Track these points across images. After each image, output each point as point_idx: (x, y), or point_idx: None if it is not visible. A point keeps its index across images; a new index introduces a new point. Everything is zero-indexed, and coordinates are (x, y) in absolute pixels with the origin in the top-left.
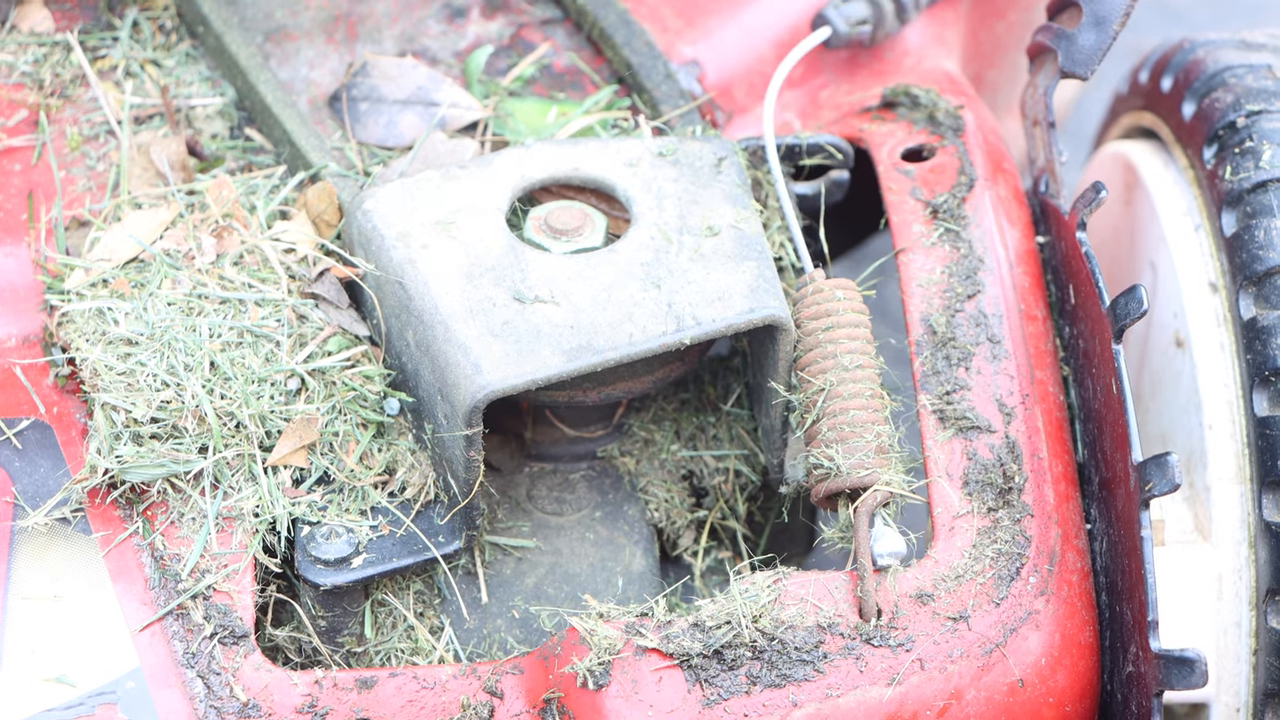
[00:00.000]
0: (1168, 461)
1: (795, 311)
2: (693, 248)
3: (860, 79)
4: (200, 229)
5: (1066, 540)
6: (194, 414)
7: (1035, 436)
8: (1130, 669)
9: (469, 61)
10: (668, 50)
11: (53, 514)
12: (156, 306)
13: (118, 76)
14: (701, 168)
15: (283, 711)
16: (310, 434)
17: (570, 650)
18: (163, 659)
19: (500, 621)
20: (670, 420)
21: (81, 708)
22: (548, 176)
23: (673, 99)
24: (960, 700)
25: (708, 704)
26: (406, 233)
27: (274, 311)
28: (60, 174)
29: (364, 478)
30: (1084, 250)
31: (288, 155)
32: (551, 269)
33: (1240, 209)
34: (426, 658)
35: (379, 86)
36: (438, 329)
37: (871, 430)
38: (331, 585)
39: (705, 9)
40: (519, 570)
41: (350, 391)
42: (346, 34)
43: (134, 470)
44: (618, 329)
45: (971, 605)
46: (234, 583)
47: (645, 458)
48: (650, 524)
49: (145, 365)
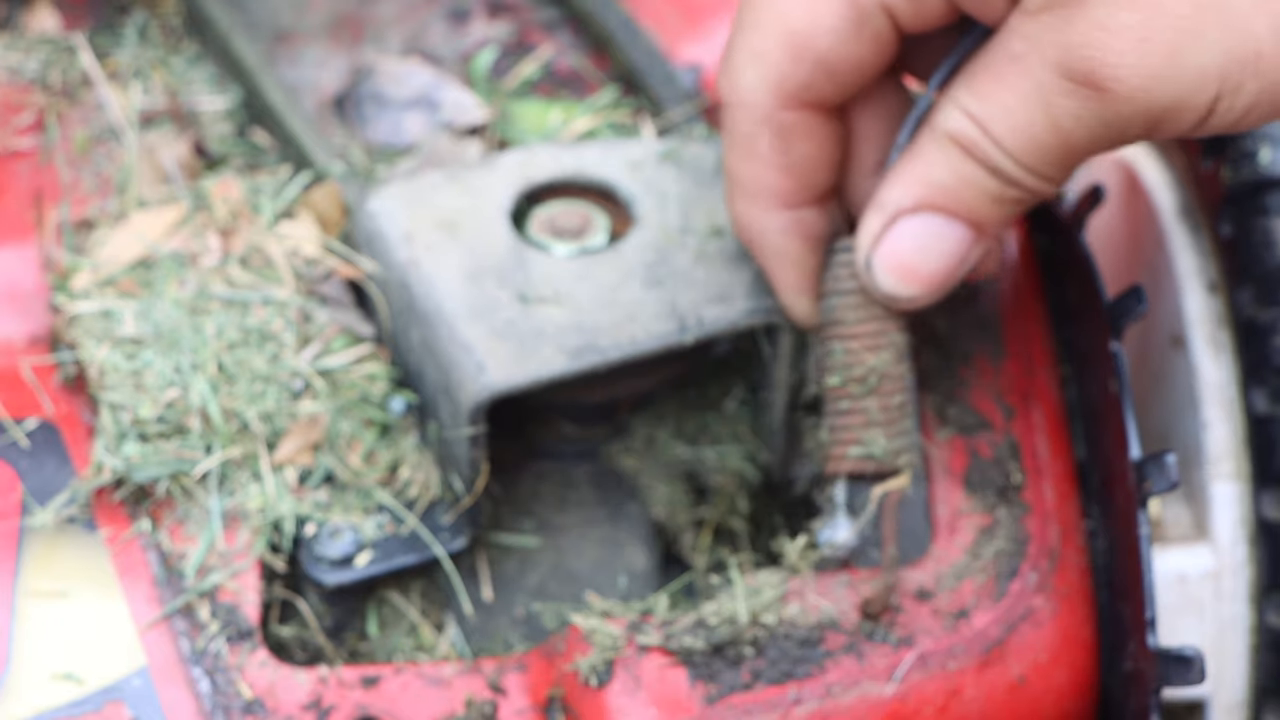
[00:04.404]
0: (1166, 460)
1: (831, 277)
2: (695, 248)
3: None
4: (206, 230)
5: (1066, 538)
6: (200, 413)
7: (1035, 435)
8: (1129, 666)
9: (473, 63)
10: (670, 53)
11: (60, 513)
12: (163, 306)
13: (125, 78)
14: (704, 169)
15: (288, 708)
16: (316, 433)
17: (573, 648)
18: (169, 656)
19: (503, 619)
20: (672, 419)
21: (89, 704)
22: (551, 178)
23: (675, 101)
24: (960, 697)
25: (709, 700)
26: (411, 233)
27: (280, 311)
28: (67, 175)
29: (368, 476)
30: (1083, 250)
31: (293, 156)
32: (555, 269)
33: (1239, 209)
34: (430, 655)
35: (384, 88)
36: (442, 329)
37: (909, 417)
38: (336, 583)
39: (707, 12)
40: (522, 568)
41: (355, 391)
42: (351, 36)
43: (140, 469)
44: (621, 329)
45: (972, 603)
46: (240, 581)
47: (647, 457)
48: (652, 522)
49: (152, 365)
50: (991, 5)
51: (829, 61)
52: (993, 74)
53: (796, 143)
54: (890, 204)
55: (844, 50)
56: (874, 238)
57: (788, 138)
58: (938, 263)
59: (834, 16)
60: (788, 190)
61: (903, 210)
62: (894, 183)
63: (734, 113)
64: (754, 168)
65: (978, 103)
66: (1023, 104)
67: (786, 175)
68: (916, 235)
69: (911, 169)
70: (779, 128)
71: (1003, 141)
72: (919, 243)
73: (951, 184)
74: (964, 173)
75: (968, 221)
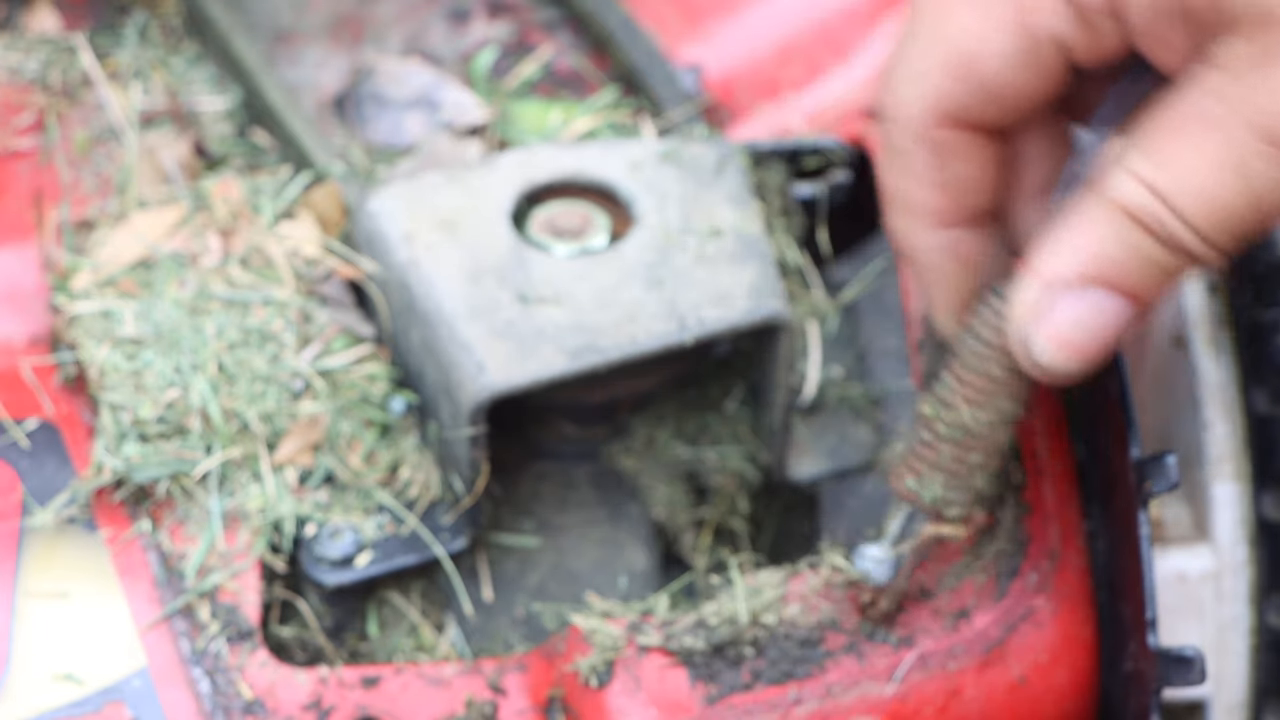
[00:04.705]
0: (1166, 460)
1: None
2: (695, 248)
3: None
4: (207, 230)
5: (1066, 539)
6: (200, 414)
7: (1035, 435)
8: (1129, 666)
9: (473, 63)
10: (670, 53)
11: (60, 513)
12: (163, 307)
13: (125, 78)
14: (704, 169)
15: (288, 708)
16: (316, 433)
17: (573, 648)
18: (169, 657)
19: (504, 619)
20: (672, 419)
21: (89, 705)
22: (551, 178)
23: (675, 101)
24: (960, 697)
25: (709, 701)
26: (411, 233)
27: (280, 312)
28: (67, 175)
29: (369, 477)
30: None
31: (293, 156)
32: (555, 270)
33: None
34: (430, 655)
35: (384, 88)
36: (442, 329)
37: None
38: (336, 584)
39: (707, 12)
40: (522, 569)
41: (355, 391)
42: (351, 36)
43: (140, 470)
44: (621, 329)
45: (972, 603)
46: (240, 581)
47: (647, 457)
48: (652, 523)
49: (152, 365)
50: (1172, 50)
51: (993, 86)
52: (1176, 135)
53: (953, 162)
54: (1050, 276)
55: (1010, 77)
56: (1031, 310)
57: (944, 156)
58: (1099, 337)
59: (1002, 41)
60: (942, 209)
61: (1065, 284)
62: (1055, 251)
63: (891, 127)
64: (909, 184)
65: (1157, 170)
66: (1214, 171)
67: (942, 194)
68: (1077, 310)
69: (1074, 239)
70: (935, 146)
71: (1186, 213)
72: (1080, 318)
73: (1120, 258)
74: (1136, 247)
75: (1132, 295)
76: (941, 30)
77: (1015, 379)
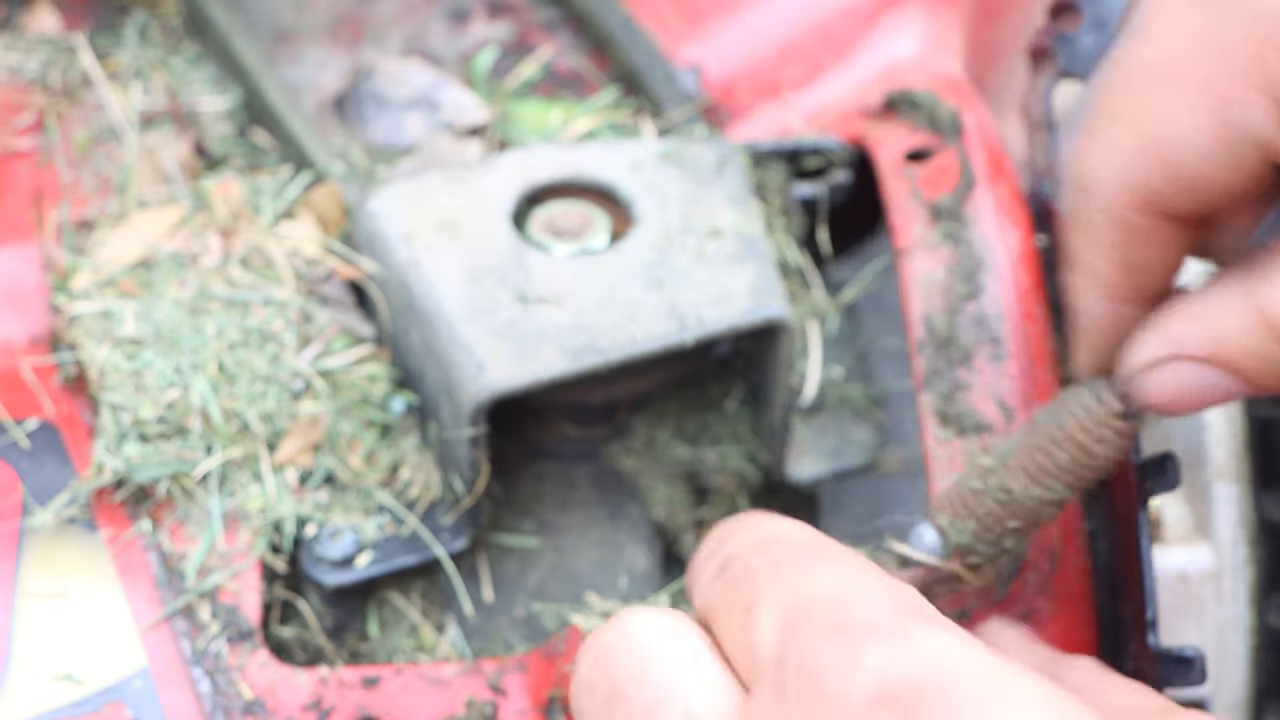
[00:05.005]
0: (1167, 460)
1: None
2: (695, 249)
3: (863, 81)
4: (207, 230)
5: (1066, 538)
6: (200, 414)
7: None
8: (1129, 666)
9: (473, 63)
10: (670, 53)
11: (60, 513)
12: (163, 307)
13: (125, 79)
14: (704, 170)
15: (288, 708)
16: (316, 434)
17: (573, 648)
18: (170, 657)
19: (504, 620)
20: (672, 419)
21: (89, 705)
22: (551, 178)
23: (675, 101)
24: None
25: None
26: (411, 234)
27: (280, 312)
28: (67, 176)
29: (369, 477)
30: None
31: (294, 156)
32: (555, 270)
33: None
34: (431, 655)
35: (384, 88)
36: (442, 329)
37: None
38: (337, 584)
39: (707, 12)
40: (522, 569)
41: (356, 391)
42: (351, 36)
43: (141, 470)
44: (621, 329)
45: (972, 603)
46: (240, 581)
47: (648, 457)
48: (653, 523)
49: (152, 365)
50: None
51: (1191, 179)
52: None
53: (1140, 247)
54: (1177, 340)
55: (1209, 171)
56: (1147, 365)
57: (1131, 239)
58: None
59: (1201, 135)
60: (1118, 284)
61: (1189, 355)
62: (1188, 318)
63: (1083, 197)
64: (1093, 255)
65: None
66: None
67: (1123, 273)
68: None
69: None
70: (1126, 227)
71: None
72: (1190, 385)
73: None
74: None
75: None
76: (1142, 114)
77: (1078, 470)
